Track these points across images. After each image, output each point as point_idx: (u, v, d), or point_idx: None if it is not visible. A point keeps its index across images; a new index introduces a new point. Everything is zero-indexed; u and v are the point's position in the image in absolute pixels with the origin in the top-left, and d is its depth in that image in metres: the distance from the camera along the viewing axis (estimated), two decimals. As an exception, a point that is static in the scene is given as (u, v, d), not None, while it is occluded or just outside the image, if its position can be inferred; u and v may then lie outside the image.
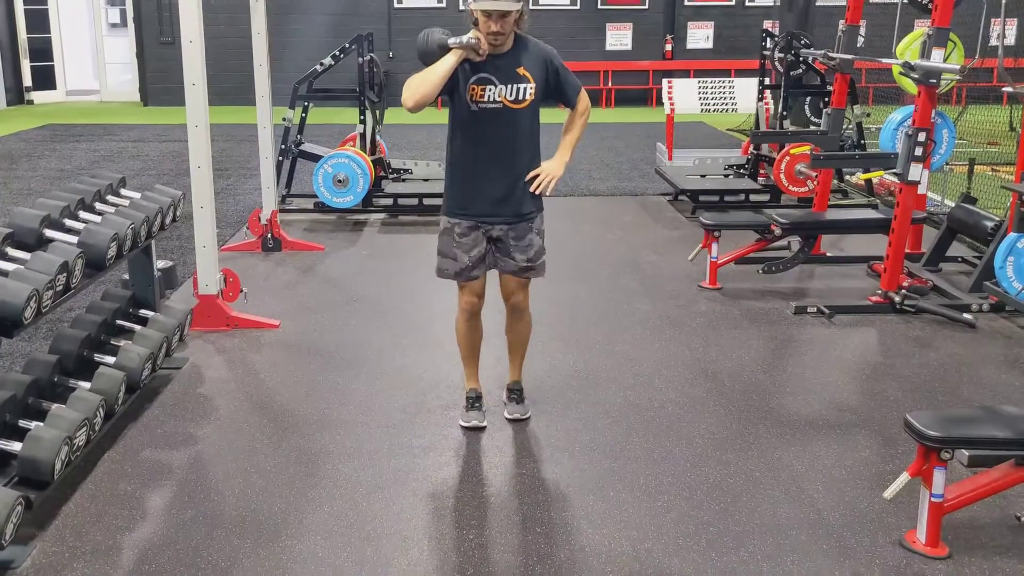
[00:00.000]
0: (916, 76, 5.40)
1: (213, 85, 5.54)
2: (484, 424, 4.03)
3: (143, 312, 4.60)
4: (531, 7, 17.50)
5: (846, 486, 3.56)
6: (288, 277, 6.39)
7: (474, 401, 4.08)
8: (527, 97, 3.67)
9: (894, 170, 5.58)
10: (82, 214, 4.17)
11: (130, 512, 3.39)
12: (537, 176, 3.77)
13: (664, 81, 10.02)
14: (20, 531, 3.02)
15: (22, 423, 3.42)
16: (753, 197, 8.56)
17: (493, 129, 3.69)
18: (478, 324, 4.03)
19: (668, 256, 6.88)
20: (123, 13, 18.80)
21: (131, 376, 3.99)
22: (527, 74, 3.65)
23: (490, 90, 3.64)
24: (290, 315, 5.51)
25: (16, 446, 3.25)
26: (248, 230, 7.14)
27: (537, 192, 3.77)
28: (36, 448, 3.22)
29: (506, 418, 4.08)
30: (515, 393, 4.13)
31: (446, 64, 3.59)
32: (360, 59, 8.05)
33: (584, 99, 3.83)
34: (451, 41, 3.59)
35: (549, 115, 3.76)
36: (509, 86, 3.64)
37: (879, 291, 5.67)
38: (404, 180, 8.72)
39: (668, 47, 17.60)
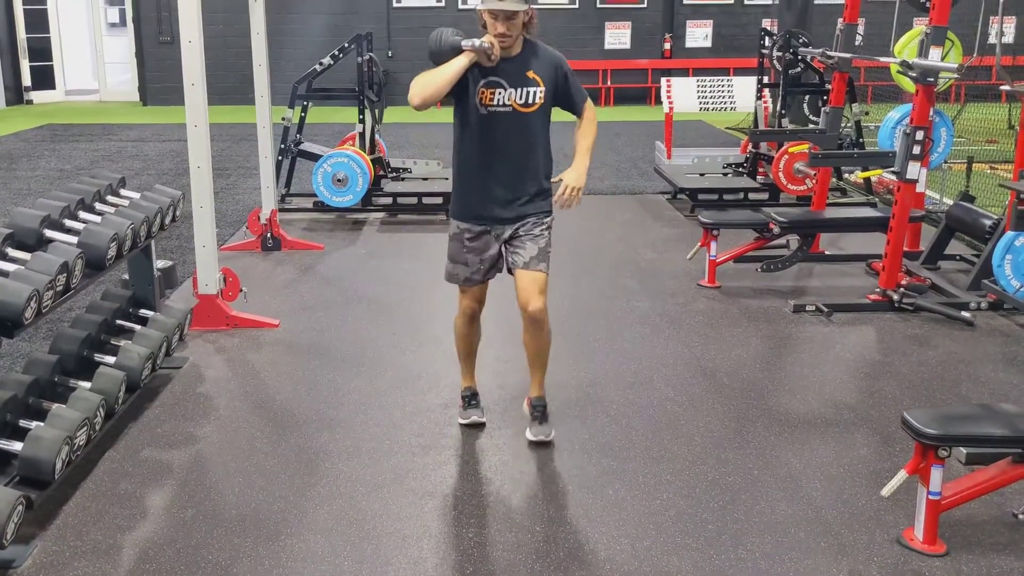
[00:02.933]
0: (914, 74, 5.41)
1: (212, 85, 5.55)
2: (483, 420, 4.05)
3: (143, 312, 4.61)
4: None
5: (844, 484, 3.58)
6: (287, 276, 6.40)
7: (470, 399, 4.09)
8: (536, 100, 3.64)
9: (892, 168, 5.59)
10: (82, 214, 4.18)
11: (131, 511, 3.40)
12: (562, 193, 3.70)
13: (663, 80, 10.03)
14: (21, 530, 3.03)
15: (23, 423, 3.43)
16: (752, 195, 8.56)
17: (503, 132, 3.66)
18: (477, 326, 4.03)
19: (667, 254, 6.89)
20: (122, 13, 18.80)
21: (131, 376, 4.00)
22: (536, 77, 3.63)
23: (499, 93, 3.61)
24: (290, 314, 5.52)
25: (17, 446, 3.26)
26: (248, 229, 7.15)
27: (563, 208, 3.71)
28: (37, 448, 3.23)
29: (529, 440, 3.88)
30: (538, 411, 3.91)
31: (456, 65, 3.56)
32: (359, 58, 8.06)
33: (591, 107, 3.81)
34: (464, 43, 3.56)
35: (559, 113, 3.76)
36: (519, 89, 3.61)
37: (877, 289, 5.68)
38: (403, 179, 8.73)
39: (667, 45, 17.60)
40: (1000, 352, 4.97)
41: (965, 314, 5.39)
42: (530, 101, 3.64)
